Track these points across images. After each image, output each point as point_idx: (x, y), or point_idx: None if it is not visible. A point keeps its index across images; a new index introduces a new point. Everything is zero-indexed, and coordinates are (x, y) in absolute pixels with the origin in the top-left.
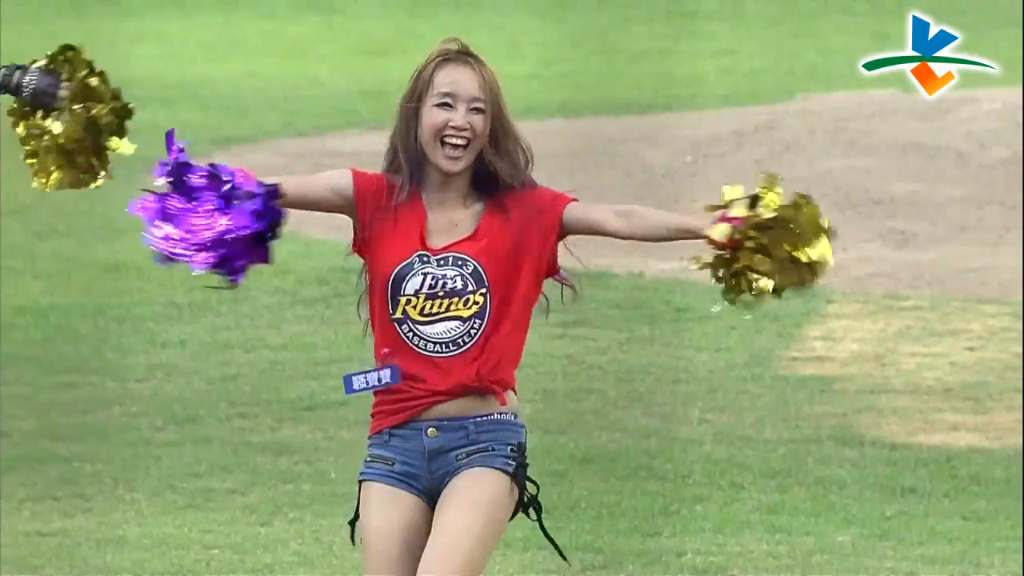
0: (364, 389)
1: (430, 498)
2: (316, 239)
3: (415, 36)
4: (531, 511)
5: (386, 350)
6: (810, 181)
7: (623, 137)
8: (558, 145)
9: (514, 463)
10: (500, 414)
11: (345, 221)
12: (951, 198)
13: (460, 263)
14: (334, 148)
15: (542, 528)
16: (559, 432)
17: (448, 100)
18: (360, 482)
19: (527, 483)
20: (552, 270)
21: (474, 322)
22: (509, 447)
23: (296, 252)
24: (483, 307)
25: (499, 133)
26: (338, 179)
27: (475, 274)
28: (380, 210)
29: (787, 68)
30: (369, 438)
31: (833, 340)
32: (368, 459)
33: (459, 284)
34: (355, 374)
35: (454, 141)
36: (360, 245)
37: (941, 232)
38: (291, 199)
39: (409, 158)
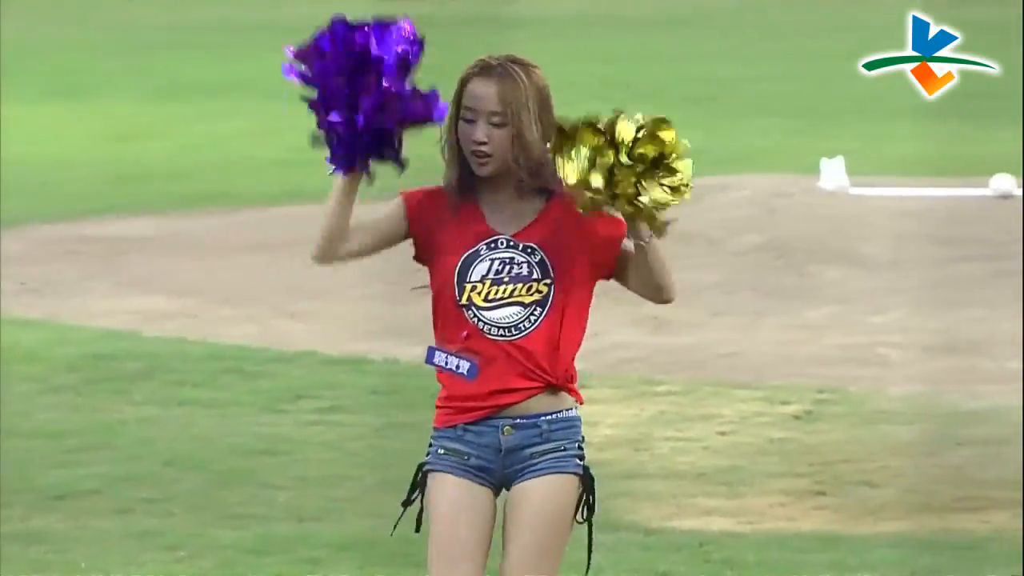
0: (441, 367)
1: (500, 487)
2: (68, 325)
3: (170, 120)
4: (588, 510)
5: (465, 333)
6: None
7: None
8: (312, 231)
9: (583, 461)
10: (568, 410)
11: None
12: (704, 283)
13: (529, 251)
14: (87, 234)
15: (589, 526)
16: (315, 519)
17: (470, 115)
18: (427, 471)
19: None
20: (607, 274)
21: (534, 309)
22: (577, 443)
23: (47, 339)
24: (546, 296)
25: (523, 143)
26: (397, 216)
27: (542, 264)
28: (439, 218)
29: None
30: (437, 429)
31: (589, 425)
32: (440, 451)
33: (525, 271)
34: (439, 349)
35: (476, 151)
36: (421, 253)
37: (694, 317)
38: (362, 249)
39: (461, 167)
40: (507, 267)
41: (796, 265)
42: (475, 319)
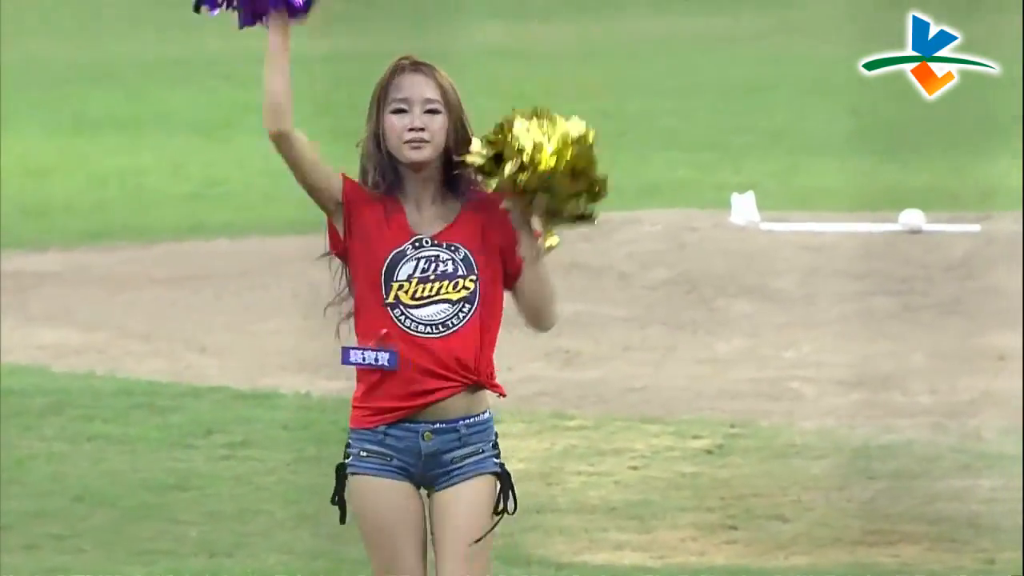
0: (360, 364)
1: (423, 485)
2: None
3: (78, 155)
4: (512, 502)
5: (384, 331)
6: None
7: (289, 256)
8: (223, 265)
9: (499, 459)
10: (483, 413)
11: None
12: (614, 318)
13: (453, 249)
14: None
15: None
16: (226, 554)
17: (403, 106)
18: (349, 473)
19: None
20: (511, 277)
21: (463, 306)
22: (492, 443)
23: None
24: (473, 293)
25: (459, 136)
26: (334, 177)
27: (466, 261)
28: (366, 211)
29: None
30: (355, 430)
31: None
32: (362, 453)
33: (450, 268)
34: (352, 348)
35: (413, 138)
36: (341, 247)
37: (605, 351)
38: (298, 152)
39: (382, 168)
40: (433, 265)
41: (707, 299)
42: (402, 317)
